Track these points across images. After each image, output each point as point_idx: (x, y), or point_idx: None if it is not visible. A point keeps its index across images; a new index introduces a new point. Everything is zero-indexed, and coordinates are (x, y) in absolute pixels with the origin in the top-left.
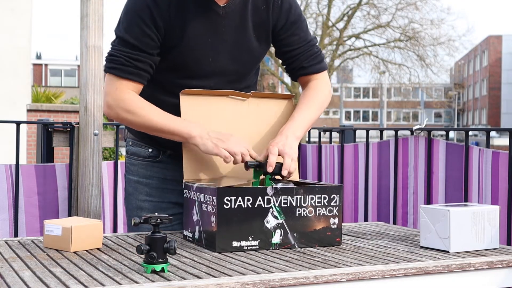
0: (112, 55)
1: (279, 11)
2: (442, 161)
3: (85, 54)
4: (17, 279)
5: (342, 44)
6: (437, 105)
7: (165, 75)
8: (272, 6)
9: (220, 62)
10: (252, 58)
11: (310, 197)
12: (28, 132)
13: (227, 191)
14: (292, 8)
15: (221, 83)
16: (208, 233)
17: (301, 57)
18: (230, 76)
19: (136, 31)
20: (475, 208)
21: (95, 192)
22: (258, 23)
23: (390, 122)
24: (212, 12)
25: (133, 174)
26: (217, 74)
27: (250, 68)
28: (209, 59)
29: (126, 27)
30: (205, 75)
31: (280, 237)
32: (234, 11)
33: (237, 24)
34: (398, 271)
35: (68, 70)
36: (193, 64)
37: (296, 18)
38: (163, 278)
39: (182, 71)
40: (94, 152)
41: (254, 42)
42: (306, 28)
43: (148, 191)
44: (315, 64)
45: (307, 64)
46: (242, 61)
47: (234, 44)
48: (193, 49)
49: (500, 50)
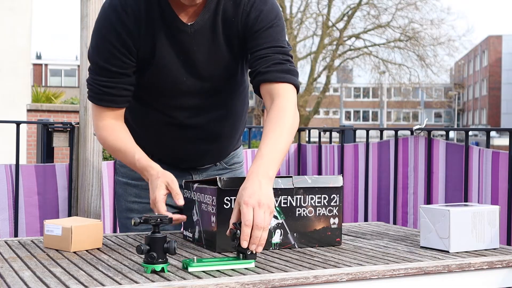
0: (88, 83)
1: (246, 19)
2: (442, 161)
3: (85, 54)
4: (17, 279)
5: (342, 44)
6: (437, 105)
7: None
8: (241, 14)
9: (195, 80)
10: (227, 73)
11: (310, 197)
12: (28, 132)
13: (227, 191)
14: (261, 14)
15: (201, 99)
16: (208, 233)
17: (261, 61)
18: (208, 92)
19: (106, 54)
20: (475, 208)
21: (95, 192)
22: (230, 36)
23: (390, 122)
24: (180, 32)
25: (123, 176)
26: (194, 91)
27: (227, 83)
28: (183, 78)
29: (97, 51)
30: (183, 93)
31: (280, 237)
32: (203, 27)
33: (208, 39)
34: (398, 271)
35: (68, 70)
36: (168, 84)
37: (264, 24)
38: (163, 278)
39: (161, 90)
40: (94, 152)
41: (227, 57)
42: (279, 35)
43: (137, 193)
44: (276, 72)
45: (265, 70)
46: (217, 78)
47: (207, 61)
48: (165, 70)
49: (500, 50)
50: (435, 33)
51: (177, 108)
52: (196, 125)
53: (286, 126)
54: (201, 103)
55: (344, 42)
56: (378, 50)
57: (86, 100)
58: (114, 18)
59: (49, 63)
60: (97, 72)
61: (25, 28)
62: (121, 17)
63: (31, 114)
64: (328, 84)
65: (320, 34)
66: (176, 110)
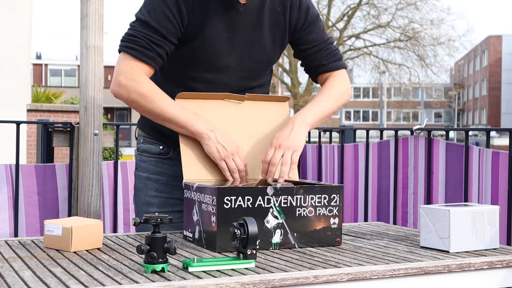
0: (132, 35)
1: (298, 12)
2: (442, 161)
3: (85, 54)
4: (17, 279)
5: (342, 44)
6: (437, 105)
7: (178, 67)
8: (290, 7)
9: (235, 58)
10: (266, 57)
11: (310, 197)
12: (28, 132)
13: (227, 191)
14: (310, 8)
15: (234, 79)
16: (208, 233)
17: (320, 55)
18: (243, 72)
19: (159, 15)
20: (475, 208)
21: (95, 192)
22: (274, 24)
23: (390, 122)
24: (232, 9)
25: (143, 170)
26: (231, 69)
27: (263, 67)
28: (224, 54)
29: (149, 10)
30: (219, 69)
31: (280, 237)
32: (252, 9)
33: (254, 22)
34: (398, 271)
35: (68, 70)
36: (209, 57)
37: (314, 18)
38: (163, 278)
39: (196, 64)
40: (94, 152)
41: (268, 42)
42: (323, 28)
43: (157, 187)
44: (334, 62)
45: (326, 62)
46: (256, 59)
47: (250, 41)
48: (210, 42)
49: (500, 50)
50: (435, 33)
51: (206, 83)
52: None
53: (336, 92)
54: (234, 82)
55: (344, 42)
56: (378, 50)
57: (86, 100)
58: None
59: (49, 63)
60: (146, 28)
61: (25, 28)
62: None
63: (31, 114)
64: None
65: None
66: (205, 85)
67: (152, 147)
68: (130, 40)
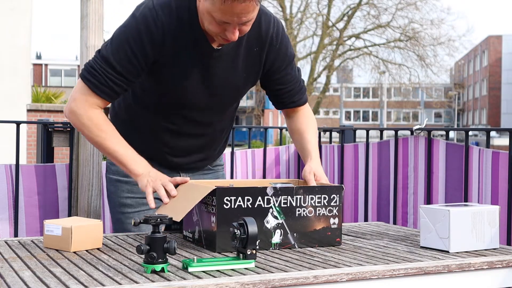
0: (92, 68)
1: (276, 54)
2: (442, 161)
3: (85, 54)
4: (17, 279)
5: (342, 44)
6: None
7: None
8: (268, 48)
9: (206, 100)
10: (237, 96)
11: (310, 197)
12: (28, 132)
13: (226, 191)
14: (288, 50)
15: (204, 115)
16: (208, 233)
17: (291, 94)
18: (213, 110)
19: (121, 56)
20: (475, 208)
21: (95, 192)
22: (249, 65)
23: (390, 122)
24: (205, 54)
25: (113, 173)
26: (201, 108)
27: (233, 103)
28: (195, 96)
29: (113, 49)
30: (188, 107)
31: (280, 237)
32: (227, 53)
33: (229, 65)
34: (398, 271)
35: (68, 70)
36: (179, 99)
37: (291, 59)
38: (163, 278)
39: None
40: (94, 152)
41: (242, 81)
42: (295, 63)
43: (129, 188)
44: (303, 98)
45: (297, 99)
46: (228, 97)
47: (222, 85)
48: (181, 86)
49: (500, 50)
50: (435, 33)
51: (177, 116)
52: (194, 134)
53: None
54: (203, 118)
55: (344, 42)
56: (378, 50)
57: None
58: (144, 28)
59: (49, 63)
60: (106, 65)
61: (25, 28)
62: (150, 29)
63: (31, 114)
64: (328, 84)
65: (320, 34)
66: (175, 117)
67: None
68: (90, 72)
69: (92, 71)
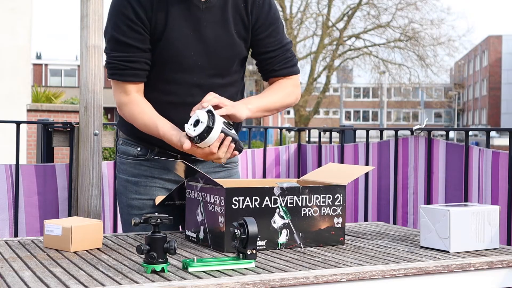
0: (109, 63)
1: (260, 10)
2: (442, 161)
3: (85, 54)
4: (17, 279)
5: (342, 44)
6: (437, 105)
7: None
8: (252, 4)
9: (201, 56)
10: (233, 54)
11: (315, 196)
12: (28, 132)
13: (235, 191)
14: (271, 9)
15: (203, 78)
16: (215, 233)
17: (274, 61)
18: (212, 70)
19: (123, 28)
20: (475, 208)
21: (95, 192)
22: (238, 20)
23: (390, 122)
24: (193, 7)
25: (123, 173)
26: (199, 68)
27: (230, 63)
28: (190, 53)
29: (113, 26)
30: (186, 69)
31: (286, 237)
32: (214, 6)
33: (218, 19)
34: (398, 271)
35: (68, 70)
36: (174, 57)
37: (274, 20)
38: (163, 278)
39: (164, 65)
40: (94, 152)
41: (235, 38)
42: (283, 31)
43: (137, 190)
44: (287, 68)
45: (278, 68)
46: (222, 56)
47: (215, 39)
48: (175, 43)
49: (500, 50)
50: (435, 33)
51: (177, 85)
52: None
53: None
54: (204, 81)
55: (344, 42)
56: (378, 50)
57: (86, 100)
58: None
59: (49, 63)
60: (116, 48)
61: (25, 28)
62: None
63: (31, 114)
64: (328, 84)
65: (320, 34)
66: (177, 86)
67: (130, 149)
68: (109, 67)
69: (110, 66)
